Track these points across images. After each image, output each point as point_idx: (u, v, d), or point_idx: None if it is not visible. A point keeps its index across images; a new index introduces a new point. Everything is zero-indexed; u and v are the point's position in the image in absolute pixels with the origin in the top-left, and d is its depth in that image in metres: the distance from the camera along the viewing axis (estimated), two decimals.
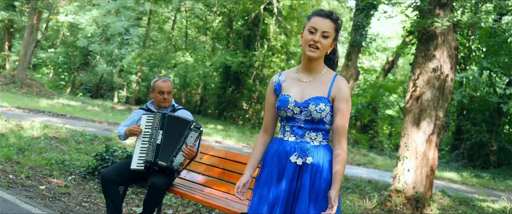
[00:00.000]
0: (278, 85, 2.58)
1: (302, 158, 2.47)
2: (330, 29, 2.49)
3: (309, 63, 2.54)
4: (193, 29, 28.32)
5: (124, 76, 28.79)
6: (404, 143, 6.68)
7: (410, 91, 6.80)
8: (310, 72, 2.56)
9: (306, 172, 2.45)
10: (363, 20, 15.03)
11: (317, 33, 2.47)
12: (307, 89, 2.52)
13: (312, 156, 2.47)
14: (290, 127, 2.52)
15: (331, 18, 2.50)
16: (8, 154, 6.32)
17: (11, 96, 17.33)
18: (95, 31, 25.48)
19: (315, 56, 2.49)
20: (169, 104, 4.20)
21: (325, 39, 2.48)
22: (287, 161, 2.49)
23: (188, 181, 4.39)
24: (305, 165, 2.46)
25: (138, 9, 23.88)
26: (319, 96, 2.48)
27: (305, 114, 2.48)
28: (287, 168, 2.48)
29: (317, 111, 2.46)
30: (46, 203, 4.66)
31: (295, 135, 2.51)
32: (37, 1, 19.93)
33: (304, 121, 2.49)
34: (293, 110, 2.49)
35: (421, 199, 6.52)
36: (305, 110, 2.47)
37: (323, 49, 2.49)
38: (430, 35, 6.65)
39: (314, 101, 2.47)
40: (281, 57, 23.75)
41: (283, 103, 2.51)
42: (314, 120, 2.48)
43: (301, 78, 2.56)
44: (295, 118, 2.50)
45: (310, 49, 2.48)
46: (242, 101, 24.12)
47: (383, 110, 25.79)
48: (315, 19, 2.50)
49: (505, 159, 17.18)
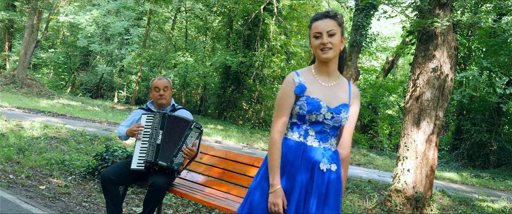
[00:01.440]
0: (301, 86, 2.48)
1: (328, 164, 2.48)
2: (333, 26, 2.47)
3: (326, 66, 2.52)
4: (193, 29, 28.33)
5: (124, 76, 28.80)
6: (404, 143, 6.69)
7: (410, 91, 6.81)
8: (329, 76, 2.54)
9: (330, 178, 2.47)
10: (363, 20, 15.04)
11: (323, 36, 2.46)
12: (332, 95, 2.51)
13: (336, 164, 2.50)
14: (316, 132, 2.47)
15: (329, 16, 2.50)
16: (8, 154, 6.33)
17: (11, 96, 17.34)
18: (95, 31, 25.49)
19: (330, 57, 2.47)
20: (167, 101, 4.20)
21: (332, 37, 2.46)
22: (315, 168, 2.45)
23: (188, 181, 4.39)
24: (329, 171, 2.48)
25: (138, 9, 23.90)
26: (346, 104, 2.52)
27: (335, 120, 2.47)
28: (316, 176, 2.45)
29: (346, 118, 2.50)
30: (46, 203, 4.67)
31: (320, 140, 2.48)
32: (37, 1, 19.93)
33: (332, 127, 2.49)
34: (325, 115, 2.46)
35: (421, 199, 6.53)
36: (337, 116, 2.47)
37: (335, 47, 2.47)
38: (430, 35, 6.65)
39: (345, 109, 2.49)
40: (281, 57, 23.74)
41: (314, 107, 2.44)
42: (338, 126, 2.51)
43: (322, 82, 2.53)
44: (324, 123, 2.47)
45: (323, 52, 2.46)
46: (242, 101, 24.12)
47: (383, 110, 25.80)
48: (316, 24, 2.49)
49: (505, 159, 17.19)
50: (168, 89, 4.18)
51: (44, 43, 28.31)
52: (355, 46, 15.04)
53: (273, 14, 21.90)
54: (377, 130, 25.24)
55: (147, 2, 23.11)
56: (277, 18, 22.38)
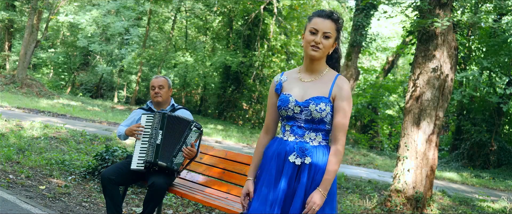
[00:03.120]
0: (279, 85, 2.59)
1: (301, 157, 2.47)
2: (331, 29, 2.49)
3: (311, 64, 2.55)
4: (193, 29, 28.32)
5: (124, 76, 28.80)
6: (404, 143, 6.69)
7: (410, 91, 6.81)
8: (312, 72, 2.56)
9: (303, 172, 2.46)
10: (363, 20, 15.04)
11: (318, 34, 2.47)
12: (308, 89, 2.52)
13: (311, 156, 2.46)
14: (290, 127, 2.52)
15: (332, 18, 2.51)
16: (8, 154, 6.32)
17: (11, 96, 17.34)
18: (95, 31, 25.49)
19: (317, 56, 2.50)
20: (163, 99, 4.21)
21: (326, 39, 2.49)
22: (285, 161, 2.49)
23: (188, 181, 4.39)
24: (304, 165, 2.46)
25: (138, 9, 23.90)
26: (319, 96, 2.48)
27: (305, 114, 2.48)
28: (286, 168, 2.48)
29: (317, 110, 2.46)
30: (46, 203, 4.66)
31: (295, 135, 2.51)
32: (37, 1, 19.93)
33: (305, 120, 2.49)
34: (293, 109, 2.49)
35: (421, 199, 6.52)
36: (306, 110, 2.48)
37: (325, 49, 2.50)
38: (430, 35, 6.65)
39: (315, 101, 2.47)
40: (281, 57, 23.74)
41: (283, 103, 2.51)
42: (314, 120, 2.49)
43: (303, 78, 2.57)
44: (296, 118, 2.50)
45: (313, 49, 2.48)
46: (242, 101, 24.12)
47: (383, 110, 25.79)
48: (316, 20, 2.50)
49: (505, 159, 17.18)
50: (163, 87, 4.19)
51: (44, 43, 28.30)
52: (355, 46, 15.04)
53: (273, 14, 21.90)
54: (377, 130, 25.24)
55: (147, 2, 23.10)
56: (277, 18, 22.38)
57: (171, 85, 4.33)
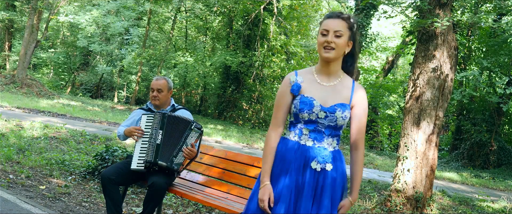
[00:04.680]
0: (296, 86, 2.50)
1: (321, 164, 2.45)
2: (342, 28, 2.45)
3: (327, 66, 2.50)
4: (193, 29, 28.32)
5: (124, 76, 28.79)
6: (404, 143, 6.69)
7: (410, 91, 6.81)
8: (329, 76, 2.52)
9: (325, 179, 2.45)
10: (363, 20, 15.05)
11: (329, 34, 2.44)
12: (330, 94, 2.49)
13: (331, 163, 2.47)
14: (309, 131, 2.47)
15: (341, 17, 2.48)
16: (8, 154, 6.32)
17: (11, 96, 17.34)
18: (95, 31, 25.48)
19: (331, 57, 2.45)
20: (161, 103, 4.20)
21: (338, 38, 2.44)
22: (307, 167, 2.45)
23: (188, 181, 4.39)
24: (324, 171, 2.45)
25: (138, 9, 23.88)
26: (344, 104, 2.47)
27: (330, 119, 2.45)
28: (307, 175, 2.44)
29: (343, 117, 2.45)
30: (46, 203, 4.66)
31: (314, 139, 2.47)
32: (37, 1, 19.93)
33: (327, 126, 2.47)
34: (318, 114, 2.45)
35: (421, 199, 6.53)
36: (331, 116, 2.45)
37: (338, 49, 2.45)
38: (430, 35, 6.65)
39: (341, 108, 2.45)
40: (281, 57, 23.74)
41: (308, 107, 2.45)
42: (336, 126, 2.47)
43: (321, 82, 2.51)
44: (318, 122, 2.46)
45: (326, 51, 2.45)
46: (242, 101, 24.11)
47: (383, 109, 25.79)
48: (326, 21, 2.48)
49: (505, 159, 17.18)
50: (162, 91, 4.16)
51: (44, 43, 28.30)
52: None
53: (273, 14, 21.90)
54: (377, 130, 25.23)
55: (147, 2, 23.10)
56: (277, 18, 22.37)
57: (172, 87, 4.31)
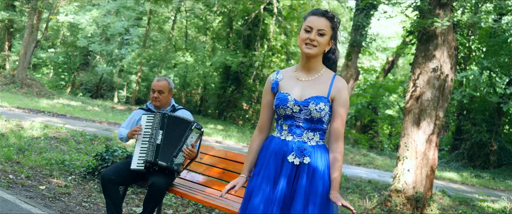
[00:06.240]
0: (275, 83, 2.58)
1: (299, 157, 2.46)
2: (325, 27, 2.49)
3: (308, 62, 2.55)
4: (193, 29, 28.31)
5: (124, 76, 28.79)
6: (404, 143, 6.68)
7: (410, 91, 6.81)
8: (309, 71, 2.56)
9: (303, 172, 2.45)
10: (363, 20, 15.04)
11: (312, 32, 2.48)
12: (307, 88, 2.52)
13: (309, 156, 2.46)
14: (288, 126, 2.51)
15: (326, 16, 2.51)
16: (8, 154, 6.32)
17: (11, 96, 17.33)
18: (95, 31, 25.48)
19: (312, 53, 2.49)
20: (161, 104, 4.20)
21: (321, 37, 2.49)
22: (284, 161, 2.48)
23: (188, 181, 4.39)
24: (302, 165, 2.46)
25: (138, 9, 23.89)
26: (319, 96, 2.49)
27: (304, 113, 2.48)
28: (284, 168, 2.47)
29: (317, 110, 2.46)
30: (46, 203, 4.66)
31: (293, 134, 2.50)
32: (37, 1, 19.92)
33: (303, 120, 2.49)
34: (292, 108, 2.48)
35: (421, 199, 6.52)
36: (305, 109, 2.47)
37: (320, 47, 2.50)
38: (430, 35, 6.65)
39: (314, 101, 2.47)
40: (281, 57, 23.75)
41: (282, 102, 2.50)
42: (313, 119, 2.49)
43: (300, 77, 2.56)
44: (294, 117, 2.50)
45: (307, 47, 2.49)
46: (242, 101, 24.12)
47: (383, 110, 25.79)
48: (311, 18, 2.51)
49: (505, 159, 17.18)
50: (163, 92, 4.16)
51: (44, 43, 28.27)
52: (355, 46, 15.03)
53: (273, 14, 21.90)
54: (377, 130, 25.24)
55: (147, 2, 23.09)
56: (277, 18, 22.38)
57: (173, 87, 4.31)
